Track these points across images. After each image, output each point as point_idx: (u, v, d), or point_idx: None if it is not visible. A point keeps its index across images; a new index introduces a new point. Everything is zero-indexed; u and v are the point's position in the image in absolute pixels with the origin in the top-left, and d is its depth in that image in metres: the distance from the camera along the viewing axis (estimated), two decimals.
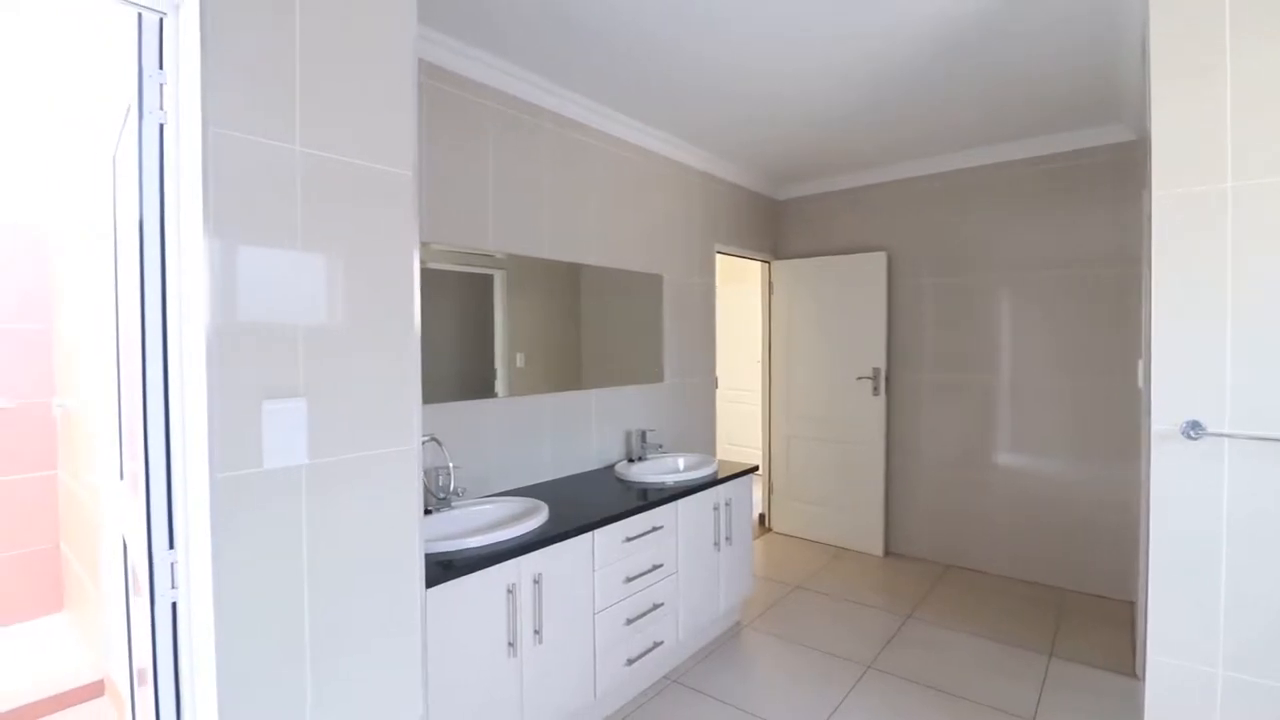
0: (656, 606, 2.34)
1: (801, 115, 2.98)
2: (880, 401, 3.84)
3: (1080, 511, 3.32)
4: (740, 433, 5.80)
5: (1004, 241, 3.51)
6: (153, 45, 1.15)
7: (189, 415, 1.09)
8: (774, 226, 4.35)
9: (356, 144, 1.25)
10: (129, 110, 1.34)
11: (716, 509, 2.68)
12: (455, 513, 2.06)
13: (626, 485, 2.62)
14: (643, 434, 3.02)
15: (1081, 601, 3.21)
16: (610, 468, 2.92)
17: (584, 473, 2.82)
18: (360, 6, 1.25)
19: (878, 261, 3.83)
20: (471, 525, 2.05)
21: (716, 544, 2.68)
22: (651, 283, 3.25)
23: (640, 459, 2.95)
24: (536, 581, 1.87)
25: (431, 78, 2.20)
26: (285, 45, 1.15)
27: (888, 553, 3.92)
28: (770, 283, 4.33)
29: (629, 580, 2.22)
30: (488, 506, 2.15)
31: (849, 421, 3.97)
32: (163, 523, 1.13)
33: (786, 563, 3.82)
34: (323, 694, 1.19)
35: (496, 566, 1.75)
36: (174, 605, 1.14)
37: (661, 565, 2.36)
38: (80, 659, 2.84)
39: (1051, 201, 3.36)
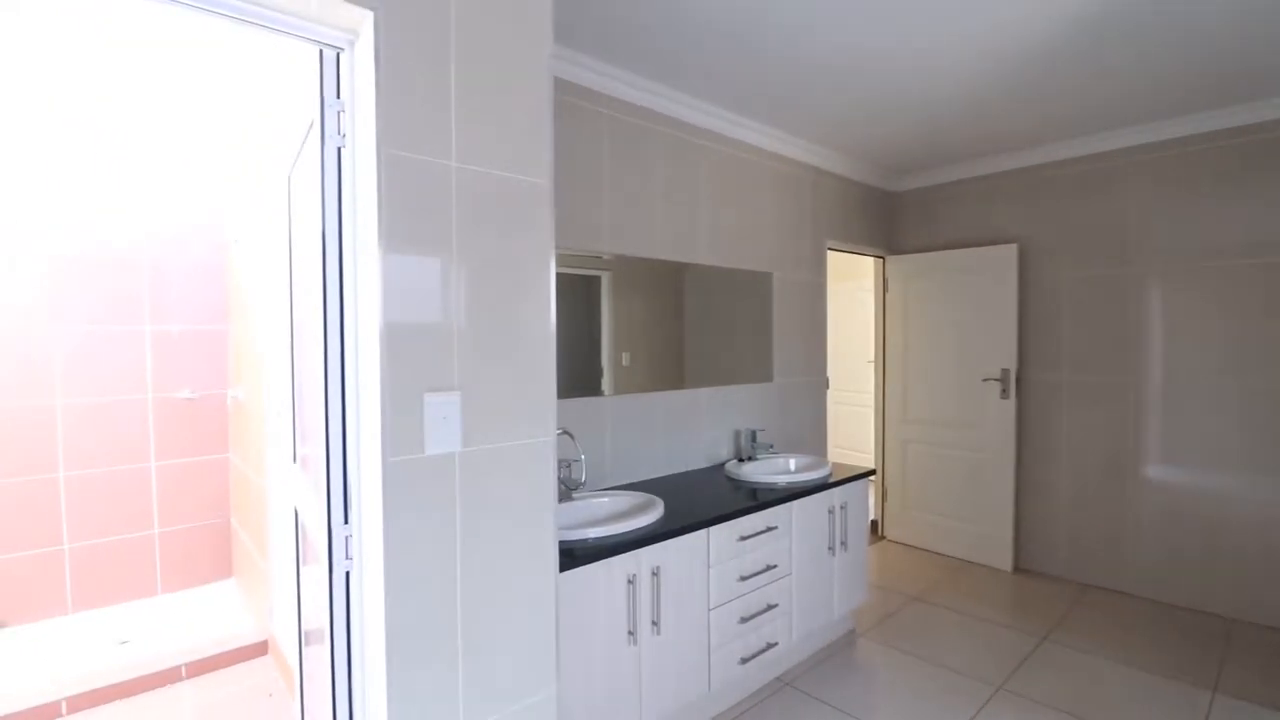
0: (770, 607, 2.32)
1: (927, 101, 2.84)
2: (1010, 405, 3.58)
3: (1251, 532, 2.93)
4: (849, 435, 5.60)
5: (1162, 228, 3.16)
6: (331, 77, 1.30)
7: (363, 406, 1.22)
8: (889, 220, 4.17)
9: (501, 157, 1.34)
10: (307, 135, 1.52)
11: (831, 512, 2.62)
12: (576, 504, 2.16)
13: (736, 484, 2.62)
14: (753, 434, 3.00)
15: (1252, 633, 2.84)
16: (720, 466, 2.92)
17: (694, 470, 2.85)
18: (505, 34, 1.35)
19: (1008, 254, 3.57)
20: (591, 516, 2.14)
21: (831, 548, 2.62)
22: (761, 281, 3.22)
23: (750, 459, 2.94)
24: (655, 574, 1.92)
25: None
26: (442, 71, 1.25)
27: (1018, 568, 3.65)
28: (884, 279, 4.15)
29: (743, 579, 2.22)
30: (604, 499, 2.23)
31: (974, 425, 3.73)
32: (339, 501, 1.28)
33: (903, 573, 3.65)
34: (470, 660, 1.29)
35: (618, 557, 1.82)
36: (347, 574, 1.29)
37: (775, 566, 2.34)
38: (247, 620, 3.23)
39: (1222, 182, 2.99)
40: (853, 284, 5.25)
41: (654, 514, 2.04)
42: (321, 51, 1.29)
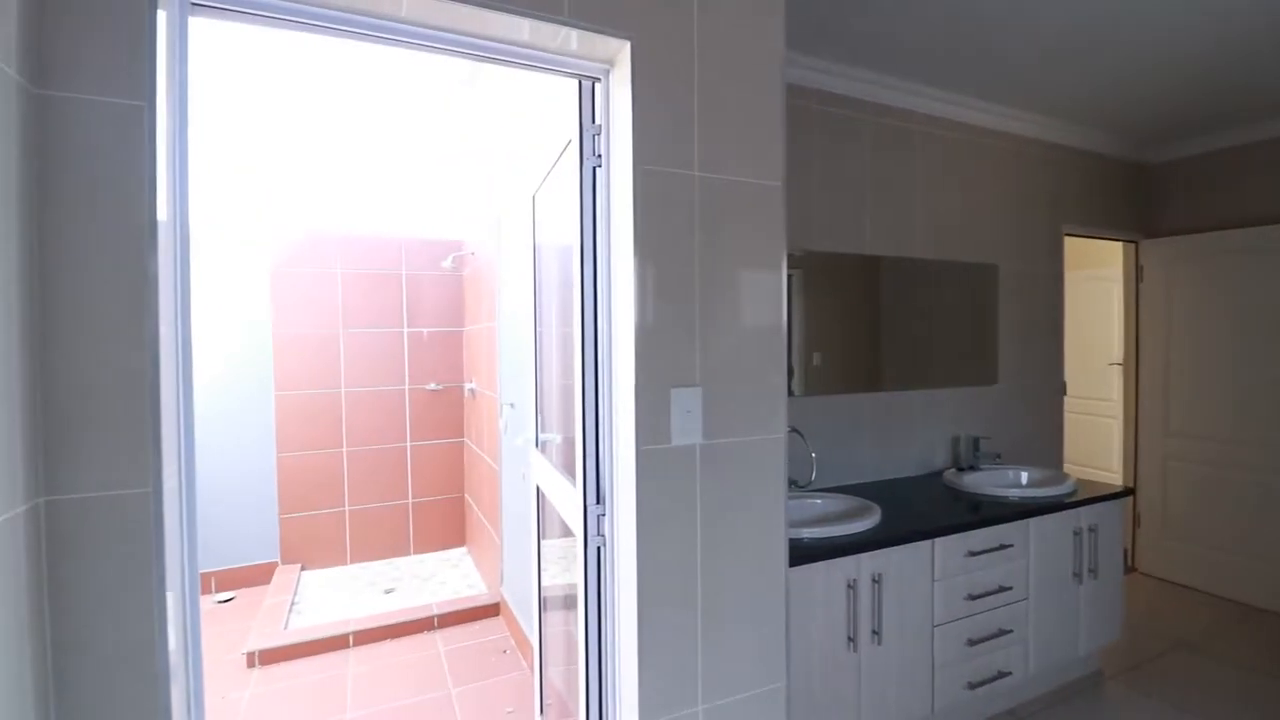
0: (1003, 633, 2.12)
1: (1203, 51, 2.39)
2: None
3: None
4: (1085, 448, 4.86)
5: None
6: (588, 105, 1.45)
7: (618, 399, 1.35)
8: (1143, 198, 3.56)
9: (738, 163, 1.40)
10: (558, 159, 1.71)
11: (1077, 534, 2.31)
12: (789, 503, 2.16)
13: (957, 495, 2.43)
14: (974, 441, 2.75)
15: None
16: (935, 475, 2.73)
17: (905, 478, 2.69)
18: (742, 48, 1.40)
19: None
20: (805, 516, 2.12)
21: (1077, 575, 2.31)
22: (982, 273, 2.94)
23: (971, 468, 2.70)
24: (876, 581, 1.86)
25: None
26: (687, 88, 1.34)
27: None
28: (1138, 266, 3.56)
29: (972, 598, 2.05)
30: (817, 501, 2.20)
31: (1267, 443, 3.05)
32: (592, 484, 1.43)
33: (1163, 613, 3.10)
34: (709, 640, 1.36)
35: (839, 560, 1.79)
36: (598, 549, 1.43)
37: (1010, 588, 2.13)
38: (480, 583, 3.70)
39: None
40: (1091, 273, 4.55)
41: (871, 519, 1.97)
42: (580, 82, 1.44)
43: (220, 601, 3.66)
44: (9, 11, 0.82)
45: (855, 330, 2.67)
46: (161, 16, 0.98)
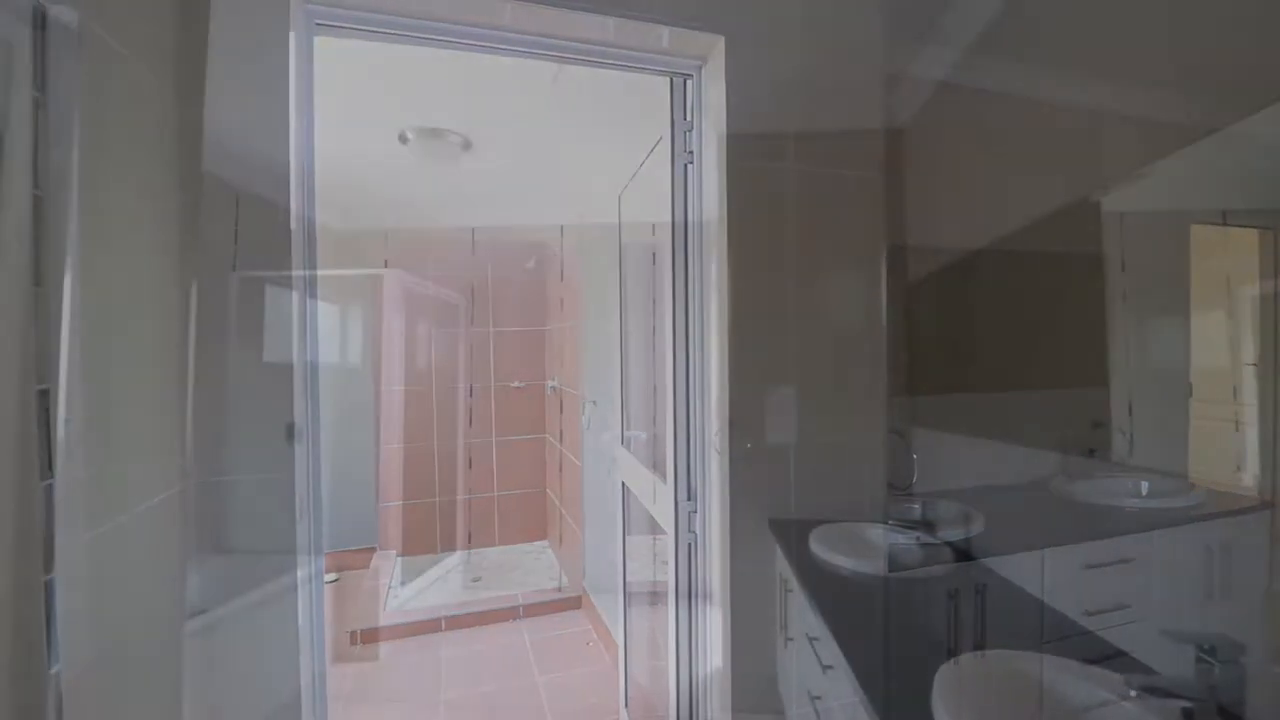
0: (1121, 654, 1.95)
1: None
2: None
3: None
4: (1211, 458, 4.42)
5: None
6: (679, 103, 1.45)
7: (711, 397, 1.35)
8: None
9: (833, 154, 1.37)
10: (645, 159, 1.72)
11: (1209, 551, 2.10)
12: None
13: (1066, 503, 2.26)
14: (1086, 447, 2.55)
15: None
16: (1039, 483, 2.55)
17: (1007, 484, 2.53)
18: (838, 42, 1.37)
19: None
20: (902, 520, 2.04)
21: (1209, 596, 2.10)
22: (1090, 265, 2.71)
23: (1082, 476, 2.51)
24: (979, 592, 1.76)
25: None
26: (781, 84, 1.32)
27: None
28: (1278, 251, 3.19)
29: (1088, 615, 1.90)
30: (914, 505, 2.11)
31: None
32: (683, 482, 1.43)
33: None
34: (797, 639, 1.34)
35: (938, 567, 1.71)
36: (689, 545, 1.43)
37: (1128, 606, 1.96)
38: (561, 576, 3.78)
39: None
40: (1214, 262, 4.14)
41: (973, 526, 1.87)
42: (671, 79, 1.45)
43: (326, 582, 3.91)
44: (167, 43, 0.92)
45: (948, 328, 2.53)
46: (291, 38, 1.06)
